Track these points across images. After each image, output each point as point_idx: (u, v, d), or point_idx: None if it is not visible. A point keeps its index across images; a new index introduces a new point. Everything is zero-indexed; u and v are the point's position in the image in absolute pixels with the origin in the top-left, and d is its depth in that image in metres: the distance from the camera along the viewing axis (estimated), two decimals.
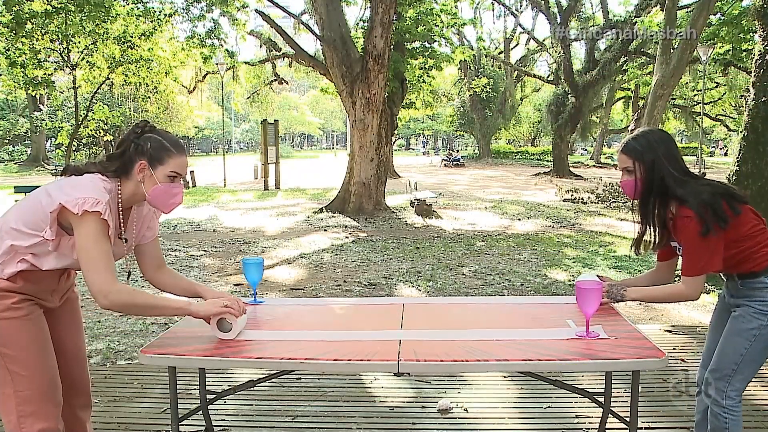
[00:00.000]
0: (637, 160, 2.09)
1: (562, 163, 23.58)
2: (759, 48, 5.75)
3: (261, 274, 2.35)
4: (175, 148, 1.88)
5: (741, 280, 2.08)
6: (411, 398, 3.14)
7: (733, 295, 2.16)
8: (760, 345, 2.05)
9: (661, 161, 2.06)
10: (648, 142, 2.10)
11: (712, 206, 1.95)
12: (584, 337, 1.88)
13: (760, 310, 2.04)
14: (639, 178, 2.09)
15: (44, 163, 29.05)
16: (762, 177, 5.56)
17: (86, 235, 1.70)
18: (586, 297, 1.87)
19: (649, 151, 2.07)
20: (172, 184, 1.87)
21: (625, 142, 2.16)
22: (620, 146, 2.17)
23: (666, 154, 2.07)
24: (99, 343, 4.06)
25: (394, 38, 12.04)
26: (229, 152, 46.05)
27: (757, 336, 2.03)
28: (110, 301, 1.71)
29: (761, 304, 2.05)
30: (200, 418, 2.37)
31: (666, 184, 2.04)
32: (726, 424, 2.05)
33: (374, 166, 11.35)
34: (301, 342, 1.92)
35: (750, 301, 2.07)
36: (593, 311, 1.89)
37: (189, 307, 1.86)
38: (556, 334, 1.93)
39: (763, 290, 2.04)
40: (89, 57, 12.57)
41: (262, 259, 2.40)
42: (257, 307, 2.37)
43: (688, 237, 1.98)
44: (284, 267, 6.85)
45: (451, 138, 58.60)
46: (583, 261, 7.01)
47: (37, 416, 1.76)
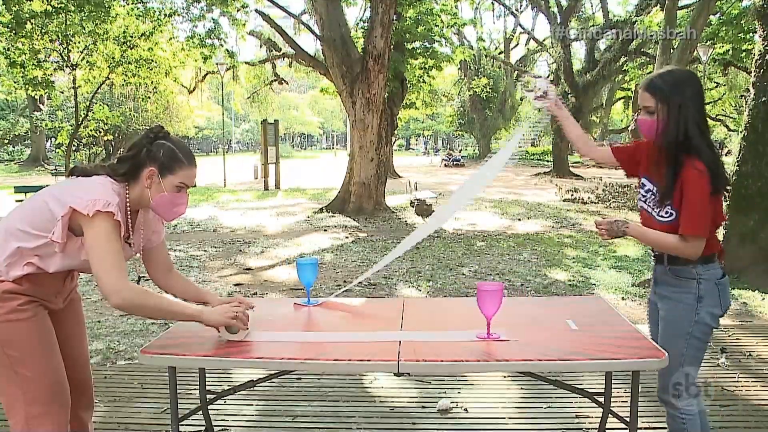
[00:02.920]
0: (661, 101, 1.91)
1: (562, 163, 23.58)
2: (759, 48, 5.75)
3: (315, 274, 2.30)
4: (187, 159, 1.87)
5: (670, 265, 2.01)
6: (411, 398, 3.14)
7: (659, 283, 2.09)
8: (696, 341, 2.00)
9: (687, 106, 1.89)
10: (676, 82, 1.92)
11: (720, 167, 1.89)
12: (486, 339, 1.87)
13: (687, 305, 1.98)
14: (661, 119, 1.91)
15: (44, 163, 29.06)
16: (762, 177, 5.56)
17: (98, 234, 1.69)
18: (485, 298, 1.85)
19: (676, 93, 1.89)
20: (178, 194, 1.86)
21: (650, 78, 1.98)
22: (644, 82, 1.99)
23: (693, 99, 1.90)
24: (99, 343, 4.06)
25: (394, 38, 12.03)
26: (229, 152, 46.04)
27: (690, 333, 1.98)
28: (123, 299, 1.69)
29: (687, 297, 1.98)
30: (200, 418, 2.36)
31: (688, 131, 1.88)
32: (684, 424, 2.01)
33: (374, 166, 11.35)
34: (301, 342, 1.92)
35: (675, 293, 2.01)
36: (494, 312, 1.87)
37: (201, 315, 1.85)
38: (460, 336, 1.92)
39: (689, 281, 1.98)
40: (89, 57, 12.56)
41: (316, 260, 2.34)
42: (257, 308, 2.37)
43: (698, 192, 1.86)
44: (284, 267, 6.85)
45: (451, 138, 58.61)
46: (583, 261, 7.01)
47: (44, 418, 1.76)
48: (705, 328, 2.01)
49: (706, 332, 2.02)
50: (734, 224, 5.58)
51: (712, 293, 1.99)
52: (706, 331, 2.02)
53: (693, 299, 1.98)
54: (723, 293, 2.01)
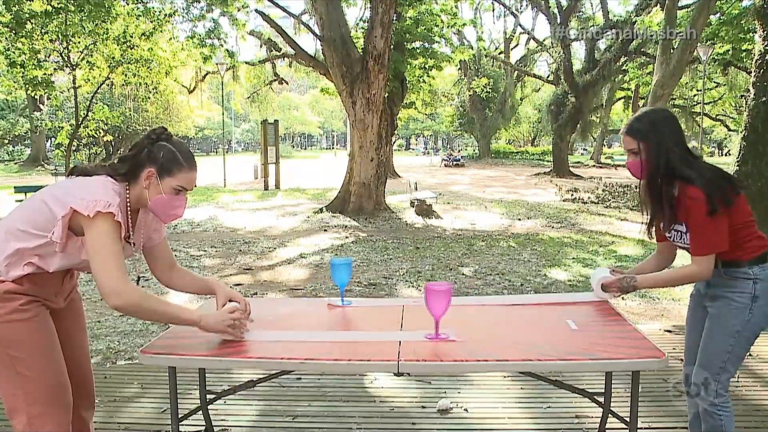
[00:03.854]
0: (642, 141, 2.05)
1: (562, 163, 23.59)
2: (759, 48, 5.75)
3: (349, 275, 2.29)
4: (188, 162, 1.86)
5: (724, 268, 2.05)
6: (411, 398, 3.14)
7: (711, 285, 2.12)
8: (744, 341, 2.03)
9: (665, 141, 2.02)
10: (651, 123, 2.06)
11: (717, 186, 1.95)
12: (434, 339, 1.88)
13: (741, 304, 2.02)
14: (644, 159, 2.05)
15: (44, 163, 29.07)
16: (762, 177, 5.57)
17: (98, 235, 1.69)
18: (433, 298, 1.86)
19: (653, 132, 2.04)
20: (176, 197, 1.86)
21: (629, 123, 2.12)
22: (624, 128, 2.14)
23: (670, 134, 2.04)
24: (99, 343, 4.06)
25: (394, 38, 12.04)
26: (229, 152, 46.07)
27: (740, 332, 2.02)
28: (123, 300, 1.69)
29: (742, 296, 2.02)
30: (200, 418, 2.36)
31: (671, 164, 2.01)
32: (721, 420, 2.04)
33: (374, 166, 11.35)
34: (301, 342, 1.91)
35: (729, 292, 2.04)
36: (442, 312, 1.87)
37: (199, 322, 1.85)
38: (409, 336, 1.93)
39: (744, 281, 2.02)
40: (89, 57, 12.57)
41: (350, 260, 2.33)
42: (257, 308, 2.37)
43: (696, 217, 1.96)
44: (284, 267, 6.85)
45: (451, 138, 58.63)
46: (583, 261, 7.01)
47: (46, 418, 1.76)
48: (755, 328, 2.04)
49: (756, 332, 2.05)
50: None
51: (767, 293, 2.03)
52: (756, 331, 2.05)
53: (748, 299, 2.02)
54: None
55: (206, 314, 1.89)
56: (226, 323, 1.86)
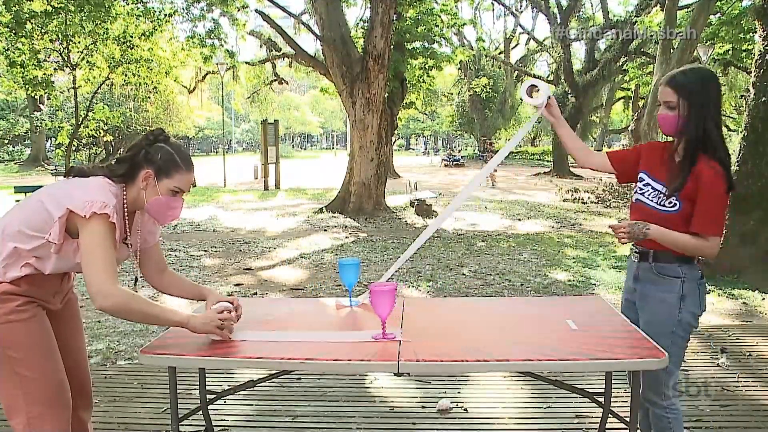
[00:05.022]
0: (685, 99, 1.92)
1: (563, 163, 23.58)
2: (759, 48, 5.75)
3: (357, 275, 2.28)
4: (185, 164, 1.87)
5: (656, 262, 2.02)
6: (411, 398, 3.14)
7: (638, 280, 2.09)
8: (679, 339, 2.02)
9: (708, 105, 1.91)
10: (701, 81, 1.93)
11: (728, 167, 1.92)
12: (380, 339, 1.88)
13: (670, 304, 1.99)
14: (682, 116, 1.93)
15: (44, 163, 29.06)
16: (762, 177, 5.56)
17: (92, 235, 1.69)
18: (378, 299, 1.85)
19: (700, 93, 1.91)
20: (173, 198, 1.86)
21: (673, 74, 1.98)
22: (667, 78, 1.99)
23: (715, 100, 1.93)
24: (99, 343, 4.06)
25: (394, 38, 12.03)
26: (229, 152, 46.06)
27: (674, 332, 2.00)
28: (109, 302, 1.69)
29: (670, 296, 1.99)
30: (200, 418, 2.37)
31: (707, 129, 1.91)
32: (670, 423, 2.03)
33: (374, 166, 11.35)
34: (301, 342, 1.91)
35: (658, 292, 2.01)
36: (387, 313, 1.87)
37: (187, 323, 1.84)
38: (356, 336, 1.93)
39: (674, 280, 1.99)
40: (89, 57, 12.56)
41: (358, 260, 2.33)
42: (258, 308, 2.37)
43: (715, 191, 1.88)
44: (284, 267, 6.85)
45: (451, 138, 58.62)
46: (583, 261, 7.01)
47: (45, 418, 1.76)
48: (687, 327, 2.02)
49: (688, 331, 2.04)
50: (734, 224, 5.57)
51: (694, 293, 2.01)
52: (687, 330, 2.03)
53: (676, 299, 2.00)
54: (702, 295, 2.04)
55: (194, 315, 1.88)
56: (214, 324, 1.86)
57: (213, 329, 1.86)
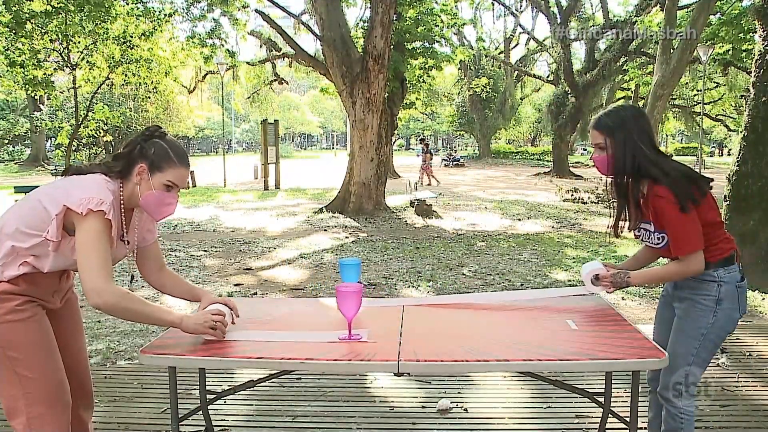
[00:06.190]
0: (609, 137, 2.04)
1: (563, 163, 23.60)
2: (759, 48, 5.74)
3: (358, 275, 2.29)
4: (179, 159, 1.86)
5: None
6: (411, 398, 3.14)
7: (678, 286, 2.12)
8: (710, 343, 2.02)
9: (632, 139, 2.00)
10: (620, 119, 2.04)
11: (682, 184, 1.94)
12: (347, 340, 1.88)
13: (705, 306, 2.01)
14: (611, 155, 2.04)
15: (44, 163, 29.07)
16: (762, 177, 5.56)
17: (87, 232, 1.69)
18: (344, 300, 1.86)
19: (621, 128, 2.02)
20: (167, 194, 1.85)
21: (597, 117, 2.11)
22: (593, 121, 2.12)
23: (638, 132, 2.01)
24: (99, 343, 4.06)
25: (394, 38, 12.04)
26: (229, 152, 46.08)
27: (705, 335, 2.01)
28: (103, 300, 1.68)
29: (706, 298, 2.01)
30: (200, 418, 2.36)
31: (638, 161, 1.99)
32: (682, 424, 2.03)
33: (374, 166, 11.35)
34: (301, 342, 1.91)
35: (694, 294, 2.04)
36: (354, 313, 1.88)
37: (179, 323, 1.84)
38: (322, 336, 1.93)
39: (710, 284, 2.01)
40: (89, 57, 12.56)
41: (359, 260, 2.34)
42: (257, 308, 2.36)
43: (670, 216, 1.94)
44: (285, 267, 6.85)
45: (451, 138, 58.61)
46: (583, 261, 7.00)
47: (46, 418, 1.76)
48: (721, 331, 2.03)
49: (721, 336, 2.04)
50: (734, 224, 5.57)
51: (732, 296, 2.02)
52: (721, 335, 2.04)
53: (712, 301, 2.01)
54: (742, 297, 2.04)
55: (188, 315, 1.88)
56: (208, 324, 1.86)
57: (206, 330, 1.86)
